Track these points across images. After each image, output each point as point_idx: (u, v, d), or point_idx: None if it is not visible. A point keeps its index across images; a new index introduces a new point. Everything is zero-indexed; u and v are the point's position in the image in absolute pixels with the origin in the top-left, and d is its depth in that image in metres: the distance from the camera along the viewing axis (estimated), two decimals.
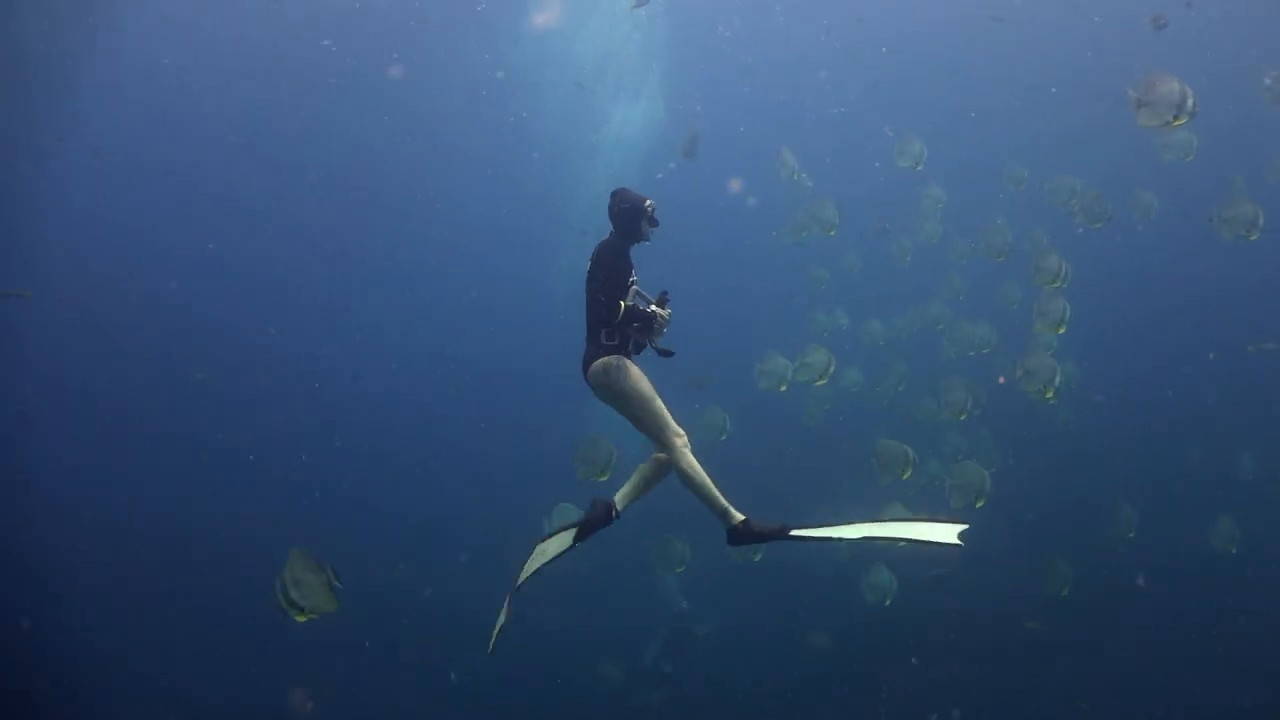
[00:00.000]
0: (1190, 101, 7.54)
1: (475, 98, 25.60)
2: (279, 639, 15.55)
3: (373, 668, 16.26)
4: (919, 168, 13.88)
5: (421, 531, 18.57)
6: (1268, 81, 12.56)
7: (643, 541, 15.77)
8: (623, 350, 6.05)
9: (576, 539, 6.20)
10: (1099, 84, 19.10)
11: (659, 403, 5.99)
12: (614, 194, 6.32)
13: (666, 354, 6.25)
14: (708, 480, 5.89)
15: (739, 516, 5.85)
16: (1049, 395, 10.63)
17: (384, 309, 24.10)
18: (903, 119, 19.77)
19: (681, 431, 5.98)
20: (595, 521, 6.18)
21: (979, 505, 11.47)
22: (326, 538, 18.32)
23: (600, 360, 6.00)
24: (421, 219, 25.75)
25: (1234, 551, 12.58)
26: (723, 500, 5.89)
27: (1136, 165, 15.38)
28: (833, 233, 13.47)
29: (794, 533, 5.81)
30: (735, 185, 21.24)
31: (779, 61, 24.74)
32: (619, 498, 6.26)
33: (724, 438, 13.68)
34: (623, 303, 5.99)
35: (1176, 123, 7.62)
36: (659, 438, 5.98)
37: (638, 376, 5.99)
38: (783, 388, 12.52)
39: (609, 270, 6.07)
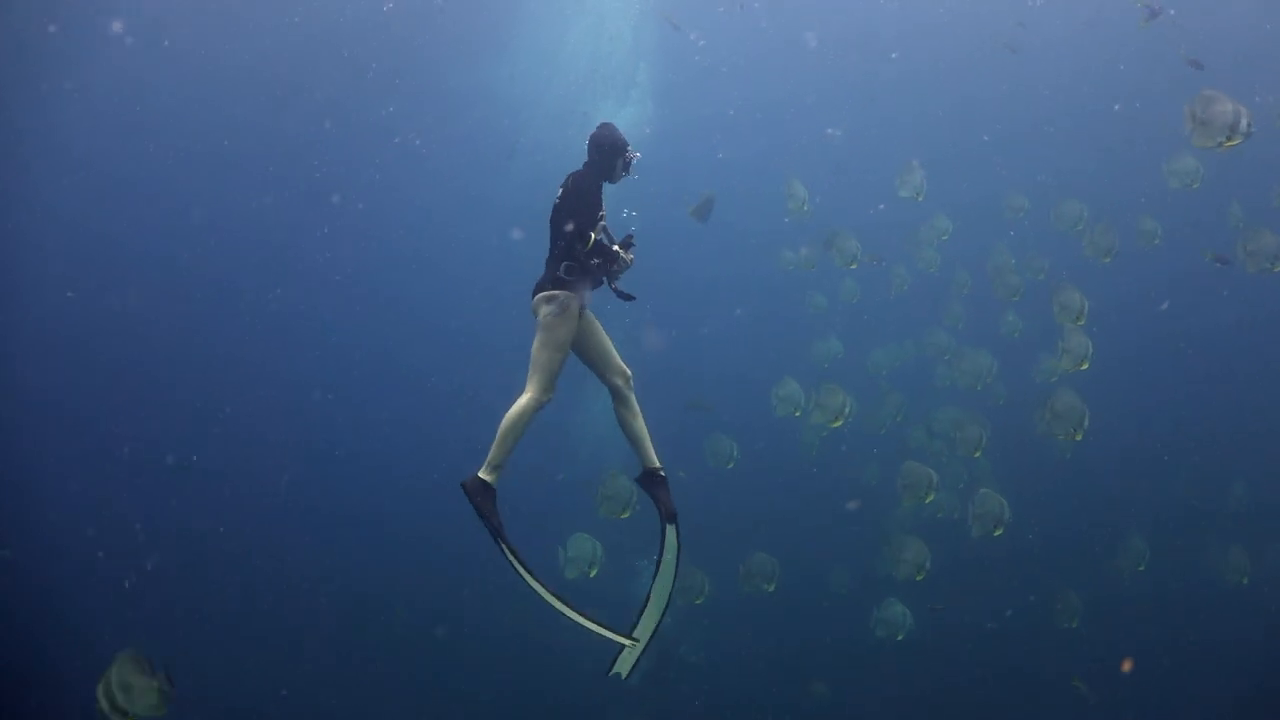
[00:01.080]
0: (1245, 122, 7.43)
1: (461, 117, 25.32)
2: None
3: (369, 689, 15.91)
4: (919, 198, 13.85)
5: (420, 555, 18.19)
6: None
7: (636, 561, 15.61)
8: (576, 289, 6.05)
9: (667, 521, 6.27)
10: (1110, 112, 19.48)
11: (562, 358, 6.04)
12: (602, 125, 6.31)
13: (628, 297, 6.24)
14: (516, 437, 5.87)
15: (492, 480, 5.81)
16: (1077, 437, 10.47)
17: (370, 330, 23.67)
18: (903, 140, 19.96)
19: (549, 396, 5.99)
20: (658, 492, 6.30)
21: (998, 533, 11.37)
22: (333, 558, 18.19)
23: (548, 293, 6.02)
24: (407, 237, 25.36)
25: (1245, 582, 12.51)
26: (503, 458, 5.85)
27: (1140, 191, 15.54)
28: (854, 265, 13.32)
29: (503, 544, 5.75)
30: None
31: (768, 74, 24.55)
32: (643, 459, 6.35)
33: (731, 465, 13.53)
34: (592, 234, 6.00)
35: (1230, 143, 7.51)
36: (534, 376, 5.97)
37: (568, 322, 6.01)
38: (797, 413, 12.33)
39: (581, 200, 6.05)
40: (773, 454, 17.04)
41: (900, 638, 12.18)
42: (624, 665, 6.35)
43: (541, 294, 6.06)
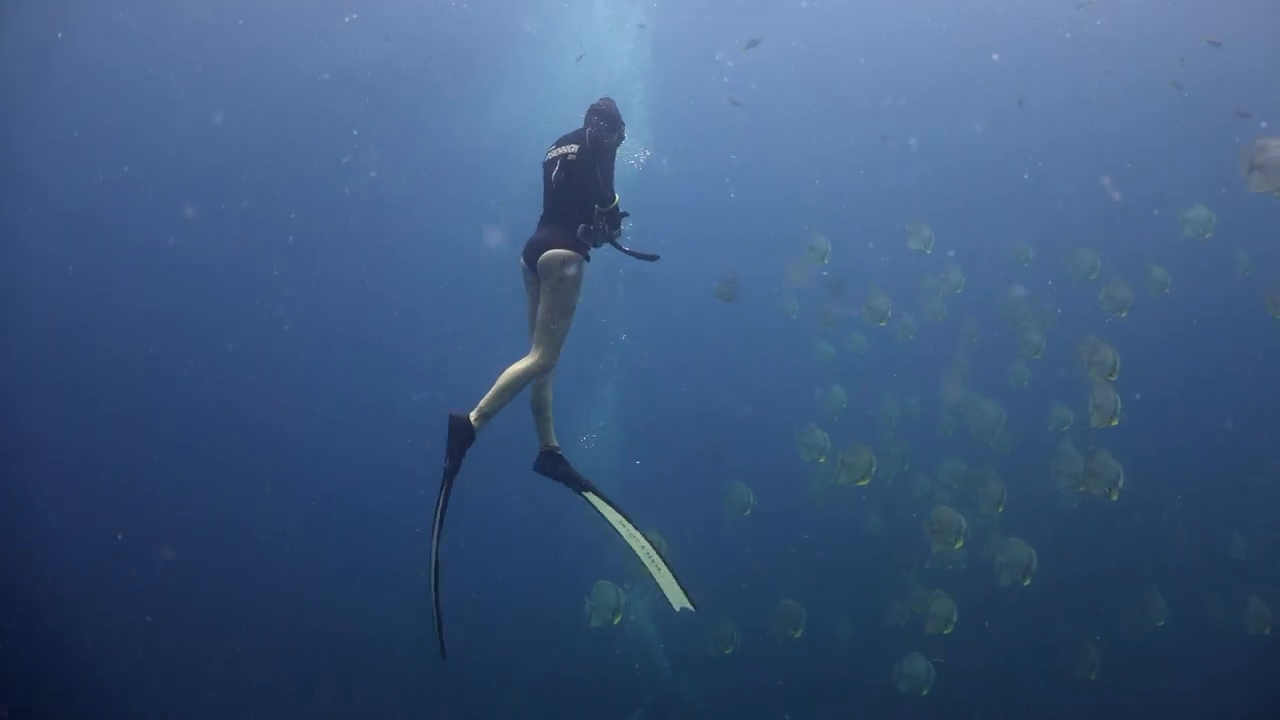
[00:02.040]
0: None
1: (449, 164, 25.27)
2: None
3: None
4: (928, 251, 13.90)
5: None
6: None
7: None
8: (585, 253, 6.06)
9: (585, 492, 6.37)
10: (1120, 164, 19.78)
11: (571, 321, 6.02)
12: (604, 99, 6.45)
13: (651, 258, 6.25)
14: (512, 395, 5.88)
15: (477, 427, 5.78)
16: (1114, 496, 10.48)
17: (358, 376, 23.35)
18: (914, 185, 20.16)
19: (556, 362, 6.05)
20: (564, 470, 6.36)
21: (1026, 583, 11.27)
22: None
23: (565, 253, 5.92)
24: (391, 285, 25.14)
25: (1267, 633, 12.40)
26: (494, 410, 5.83)
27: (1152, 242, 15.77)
28: (883, 323, 13.33)
29: (446, 488, 5.83)
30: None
31: (782, 114, 24.60)
32: (545, 438, 6.39)
33: (747, 513, 13.35)
34: (616, 195, 6.06)
35: None
36: (545, 342, 5.94)
37: (580, 287, 6.02)
38: (821, 459, 12.21)
39: (608, 158, 6.11)
40: (780, 500, 16.85)
41: (925, 692, 11.91)
42: (676, 599, 6.49)
43: (557, 253, 5.92)
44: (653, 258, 6.22)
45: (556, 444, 6.38)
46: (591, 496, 6.35)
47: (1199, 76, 17.64)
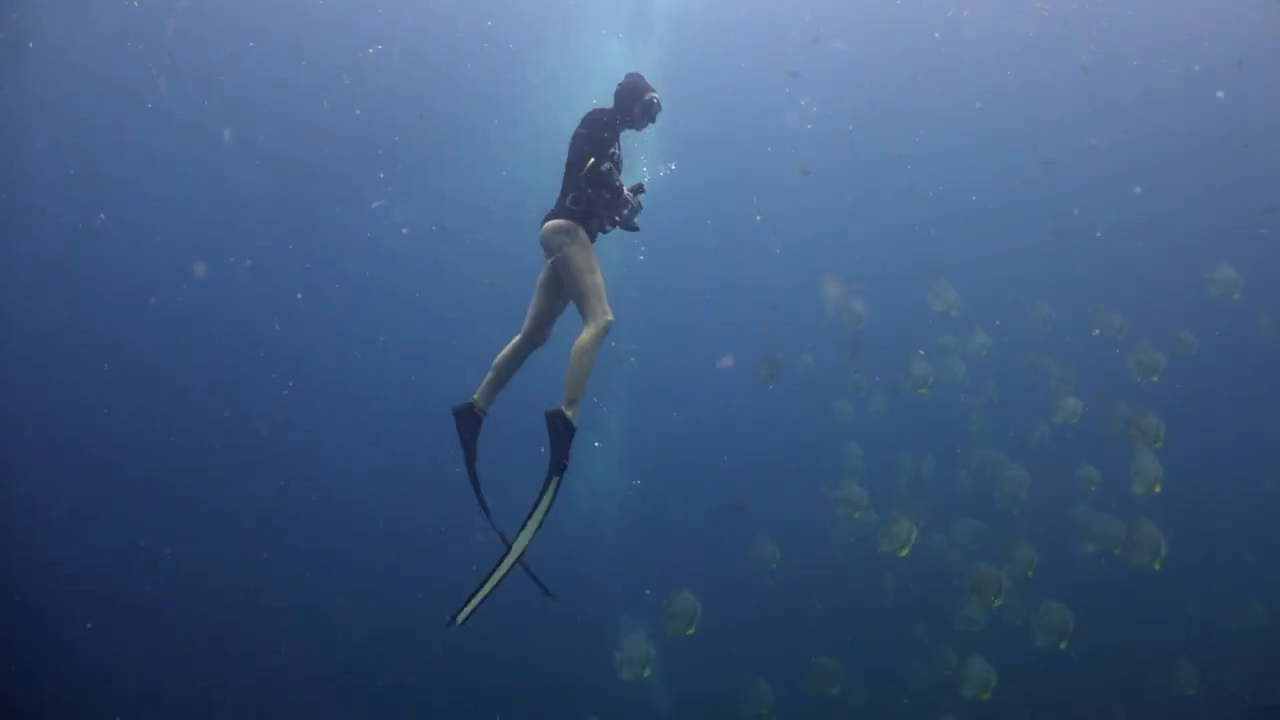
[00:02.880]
0: None
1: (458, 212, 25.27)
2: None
3: None
4: (953, 314, 13.90)
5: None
6: None
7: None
8: (583, 221, 6.22)
9: (470, 457, 6.29)
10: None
11: (598, 277, 6.13)
12: (629, 74, 6.68)
13: (632, 229, 6.50)
14: (587, 376, 5.99)
15: (573, 417, 5.89)
16: (1156, 565, 10.46)
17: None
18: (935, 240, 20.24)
19: (611, 315, 6.09)
20: (472, 434, 6.30)
21: (1063, 645, 11.16)
22: None
23: (555, 223, 6.19)
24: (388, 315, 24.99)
25: None
26: (580, 394, 5.97)
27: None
28: (924, 391, 13.25)
29: (557, 478, 5.89)
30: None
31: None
32: (483, 396, 6.40)
33: (774, 567, 13.20)
34: (592, 159, 6.19)
35: None
36: (589, 308, 6.07)
37: (584, 246, 6.15)
38: (857, 515, 12.11)
39: (594, 129, 6.29)
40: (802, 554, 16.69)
41: None
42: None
43: (548, 224, 6.20)
44: (633, 228, 6.50)
45: (487, 411, 6.37)
46: (470, 474, 6.32)
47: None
